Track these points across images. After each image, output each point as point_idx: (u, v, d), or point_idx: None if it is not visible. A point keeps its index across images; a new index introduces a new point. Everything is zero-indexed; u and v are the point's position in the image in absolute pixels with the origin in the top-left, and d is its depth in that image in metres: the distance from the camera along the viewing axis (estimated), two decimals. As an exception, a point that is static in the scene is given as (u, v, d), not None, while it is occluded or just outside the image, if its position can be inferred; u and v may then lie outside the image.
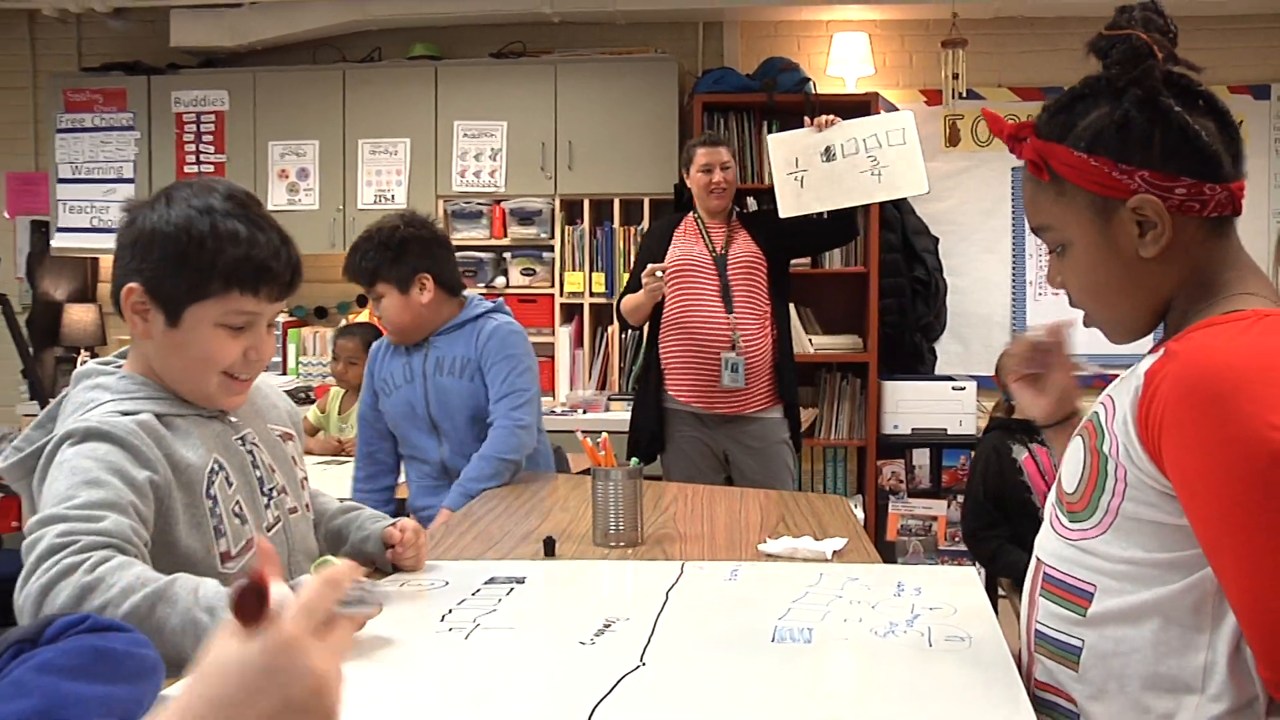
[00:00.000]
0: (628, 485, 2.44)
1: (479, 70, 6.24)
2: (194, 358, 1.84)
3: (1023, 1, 5.91)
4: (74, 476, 1.66)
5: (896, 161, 4.47)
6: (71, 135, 6.58)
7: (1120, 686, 1.39)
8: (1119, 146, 1.40)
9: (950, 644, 1.67)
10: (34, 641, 1.30)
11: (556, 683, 1.53)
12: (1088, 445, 1.46)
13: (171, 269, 1.78)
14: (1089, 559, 1.43)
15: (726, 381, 4.43)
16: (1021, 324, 6.21)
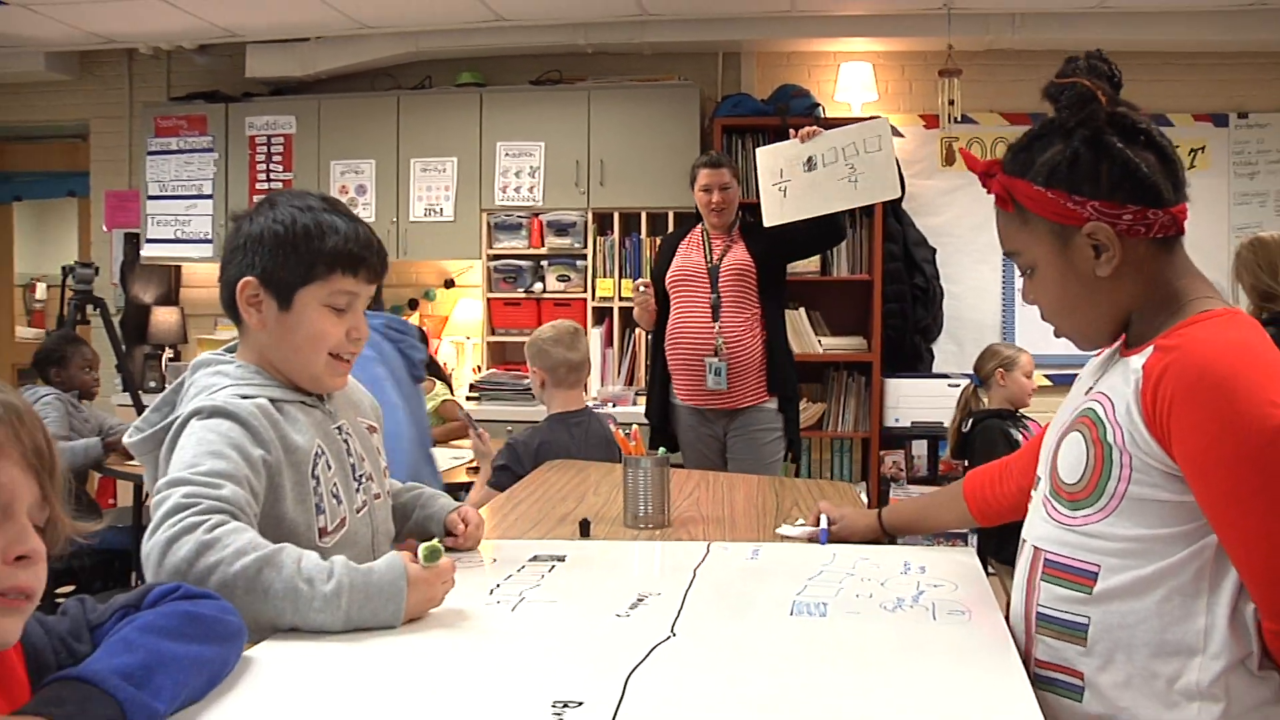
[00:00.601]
0: (656, 472, 2.43)
1: (520, 96, 6.26)
2: (305, 337, 1.87)
3: (1013, 36, 5.90)
4: (200, 447, 1.69)
5: (872, 168, 4.37)
6: (160, 157, 6.65)
7: (1128, 656, 1.41)
8: (1071, 180, 1.45)
9: (952, 617, 1.66)
10: (137, 606, 1.34)
11: (595, 651, 1.52)
12: (1089, 438, 1.47)
13: (283, 258, 1.83)
14: (1093, 542, 1.45)
15: (710, 384, 4.44)
16: (1011, 327, 6.18)
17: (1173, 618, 1.38)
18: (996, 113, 6.23)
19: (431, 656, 1.50)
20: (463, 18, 5.98)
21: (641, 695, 1.32)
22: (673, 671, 1.42)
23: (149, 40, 6.54)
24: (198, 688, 1.28)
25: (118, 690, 1.14)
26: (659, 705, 1.30)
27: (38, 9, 5.77)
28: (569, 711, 1.26)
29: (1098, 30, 5.72)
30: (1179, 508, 1.38)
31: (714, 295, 4.49)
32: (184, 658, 1.25)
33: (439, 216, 6.25)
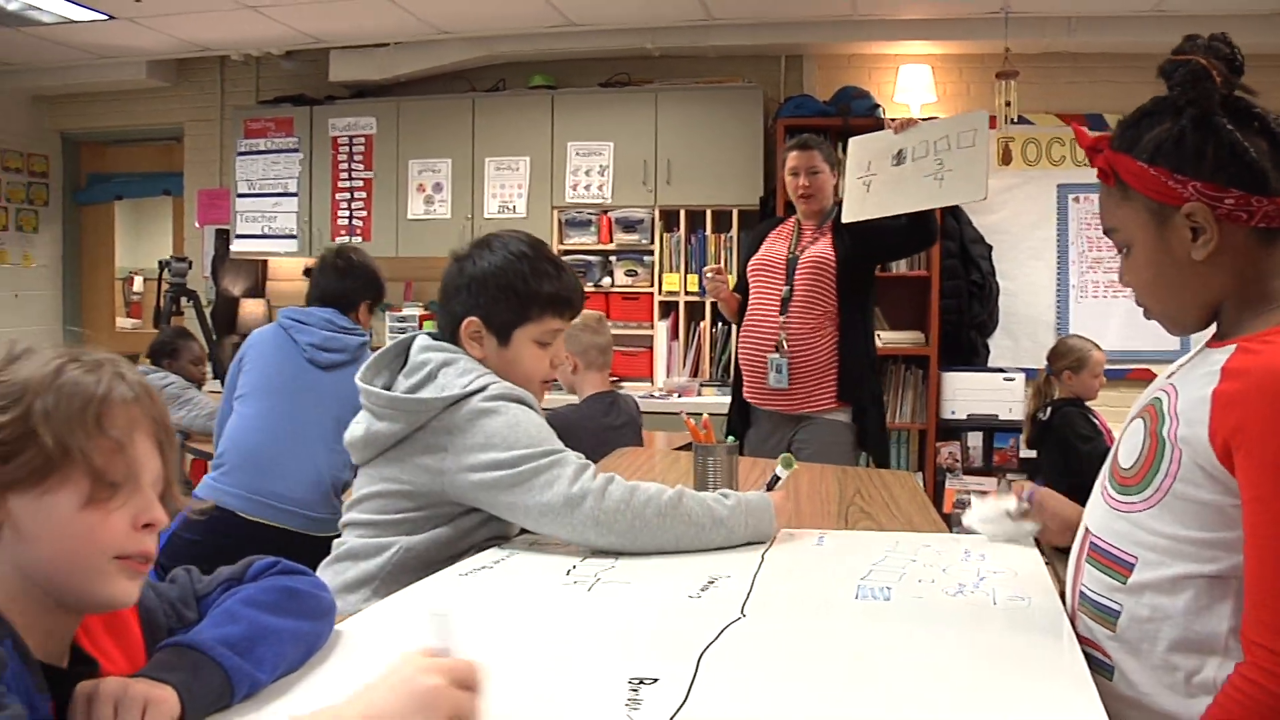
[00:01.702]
0: (726, 460, 2.43)
1: (589, 97, 6.28)
2: (522, 371, 2.09)
3: (1069, 39, 5.81)
4: (534, 428, 1.96)
5: (960, 165, 3.80)
6: (248, 157, 6.76)
7: (1152, 647, 1.38)
8: (1175, 158, 1.37)
9: (1012, 603, 1.64)
10: (239, 579, 1.37)
11: (669, 630, 1.52)
12: (1148, 428, 1.43)
13: (504, 301, 2.05)
14: (1135, 531, 1.41)
15: (771, 381, 4.05)
16: (1065, 322, 6.11)
17: (1197, 618, 1.34)
18: (1052, 114, 6.15)
19: (513, 634, 1.52)
20: (534, 23, 6.01)
21: (714, 673, 1.32)
22: (743, 651, 1.42)
23: (240, 47, 6.65)
24: (295, 659, 1.30)
25: (224, 659, 1.16)
26: (730, 683, 1.30)
27: (141, 21, 5.88)
28: (645, 688, 1.27)
29: (1154, 33, 5.62)
30: (1219, 513, 1.32)
31: (787, 288, 4.10)
32: (283, 630, 1.28)
33: (512, 213, 6.28)
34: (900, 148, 3.98)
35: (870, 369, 4.22)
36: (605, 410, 3.76)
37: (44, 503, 1.06)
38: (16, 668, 0.97)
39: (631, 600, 1.69)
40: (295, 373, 3.48)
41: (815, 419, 4.11)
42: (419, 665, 1.07)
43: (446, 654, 1.10)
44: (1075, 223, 6.17)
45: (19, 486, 1.05)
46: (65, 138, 7.73)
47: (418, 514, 2.00)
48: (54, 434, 1.06)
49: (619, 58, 6.38)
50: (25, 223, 7.47)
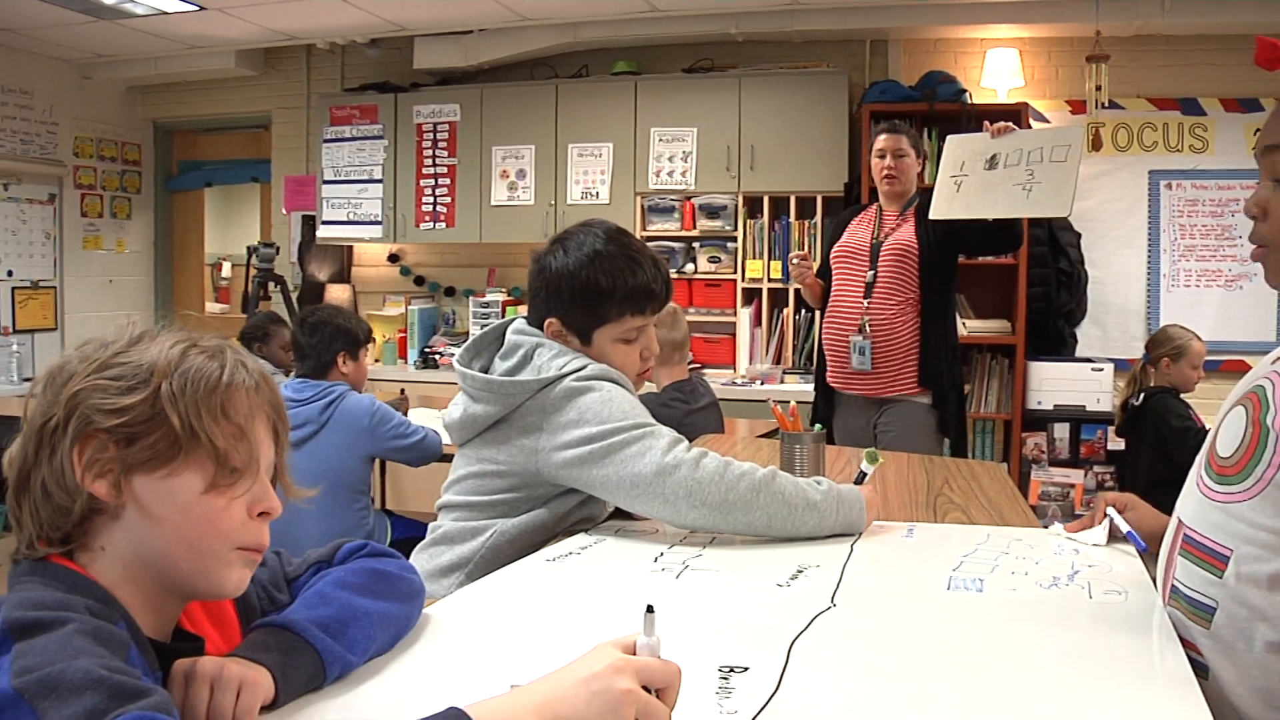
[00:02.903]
0: (812, 448, 2.42)
1: (673, 83, 6.26)
2: (615, 366, 2.07)
3: (1160, 21, 5.65)
4: (628, 404, 1.97)
5: (1050, 179, 3.84)
6: (334, 144, 6.85)
7: (1249, 647, 1.31)
8: None
9: (1109, 597, 1.61)
10: (329, 561, 1.39)
11: (759, 618, 1.52)
12: (1250, 416, 1.36)
13: (579, 305, 2.05)
14: (1232, 523, 1.35)
15: (854, 364, 4.13)
16: (1156, 312, 5.97)
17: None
18: (1144, 98, 6.00)
19: (604, 620, 1.52)
20: (618, 9, 6.01)
21: (804, 662, 1.32)
22: (834, 640, 1.41)
23: (325, 36, 6.74)
24: (385, 642, 1.32)
25: (316, 640, 1.18)
26: (821, 672, 1.29)
27: (230, 11, 5.99)
28: (735, 676, 1.27)
29: (1249, 13, 5.46)
30: None
31: (871, 273, 4.17)
32: (373, 613, 1.29)
33: (595, 199, 6.30)
34: (995, 152, 4.01)
35: (952, 356, 4.26)
36: (686, 396, 3.82)
37: (169, 485, 1.08)
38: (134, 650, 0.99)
39: (720, 588, 1.69)
40: None
41: (898, 401, 4.18)
42: (615, 664, 1.02)
43: (650, 651, 1.06)
44: (1167, 210, 6.03)
45: (145, 468, 1.08)
46: (157, 126, 7.90)
47: (514, 495, 2.03)
48: (181, 416, 1.08)
49: (703, 43, 6.35)
50: (119, 210, 7.65)
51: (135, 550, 1.09)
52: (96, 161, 7.45)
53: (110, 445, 1.06)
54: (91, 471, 1.06)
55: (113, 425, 1.06)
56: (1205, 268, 5.97)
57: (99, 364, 1.09)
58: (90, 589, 1.03)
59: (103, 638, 0.94)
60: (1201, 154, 5.94)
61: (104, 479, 1.06)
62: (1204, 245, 5.96)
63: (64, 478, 1.06)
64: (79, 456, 1.06)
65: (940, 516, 2.28)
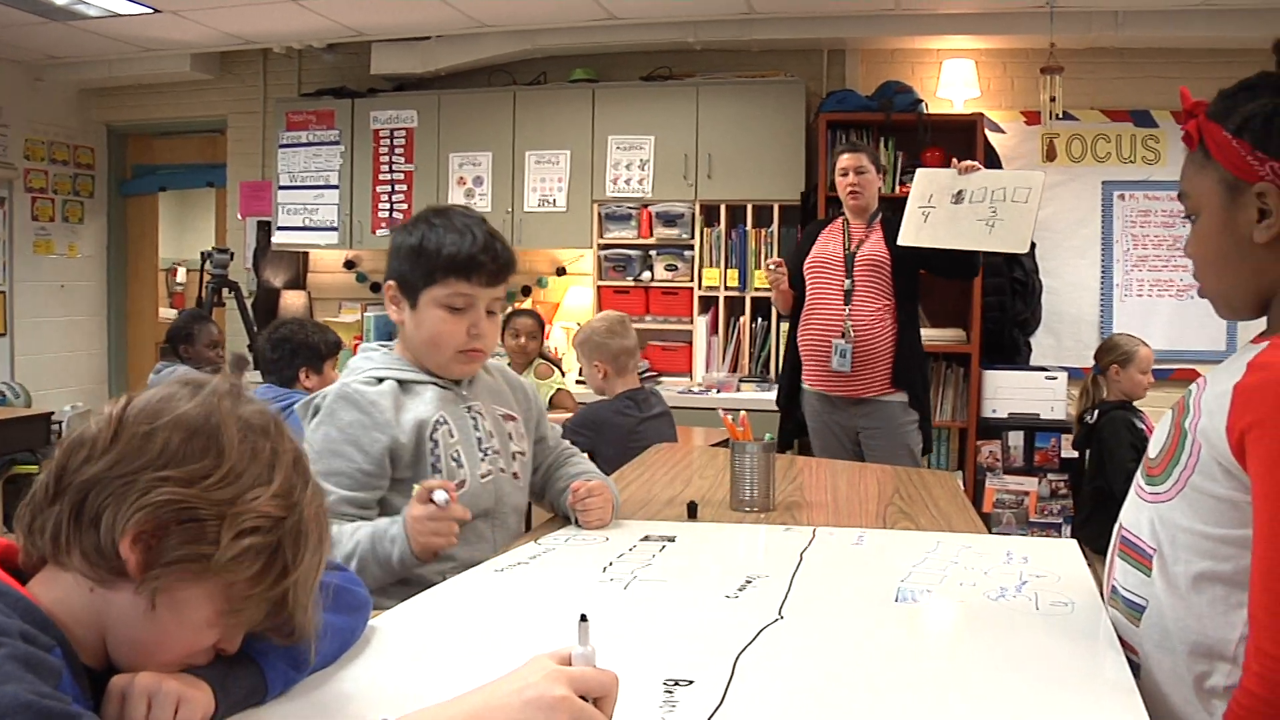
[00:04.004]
0: (762, 457, 2.41)
1: (631, 91, 6.26)
2: (427, 334, 2.08)
3: (1114, 34, 5.73)
4: (324, 444, 1.98)
5: (1010, 217, 4.20)
6: (290, 150, 6.80)
7: (1171, 648, 1.35)
8: (1260, 135, 1.32)
9: (1055, 609, 1.61)
10: None
11: (706, 631, 1.51)
12: (1174, 419, 1.41)
13: (407, 264, 2.07)
14: (1158, 523, 1.39)
15: (834, 365, 4.35)
16: (1109, 321, 6.03)
17: (1212, 621, 1.31)
18: (1098, 110, 6.07)
19: (550, 631, 1.50)
20: (576, 16, 5.99)
21: (750, 675, 1.31)
22: (780, 653, 1.41)
23: (282, 40, 6.68)
24: (329, 654, 1.30)
25: (259, 654, 1.17)
26: (767, 686, 1.29)
27: (185, 14, 5.93)
28: (680, 689, 1.26)
29: (1204, 28, 5.53)
30: (1235, 509, 1.28)
31: (848, 282, 4.42)
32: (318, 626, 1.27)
33: (552, 207, 6.28)
34: (961, 188, 4.33)
35: (922, 359, 4.62)
36: (638, 405, 3.86)
37: (185, 596, 1.06)
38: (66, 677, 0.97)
39: (668, 599, 1.68)
40: None
41: (874, 401, 4.44)
42: (550, 674, 1.02)
43: (586, 661, 1.05)
44: (1120, 220, 6.09)
45: (182, 572, 1.05)
46: (111, 130, 7.80)
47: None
48: (276, 569, 1.09)
49: (660, 51, 6.35)
50: (71, 214, 7.55)
51: (105, 611, 1.06)
52: (48, 165, 7.34)
53: (181, 543, 1.04)
54: (141, 544, 1.03)
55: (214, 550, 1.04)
56: (1157, 277, 6.03)
57: (246, 485, 1.07)
58: (30, 613, 0.99)
59: (33, 664, 0.91)
60: (1154, 165, 6.01)
61: (142, 555, 1.03)
62: (1156, 255, 6.02)
63: (117, 526, 1.02)
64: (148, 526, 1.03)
65: (890, 524, 2.28)
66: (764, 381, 5.89)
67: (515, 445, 2.23)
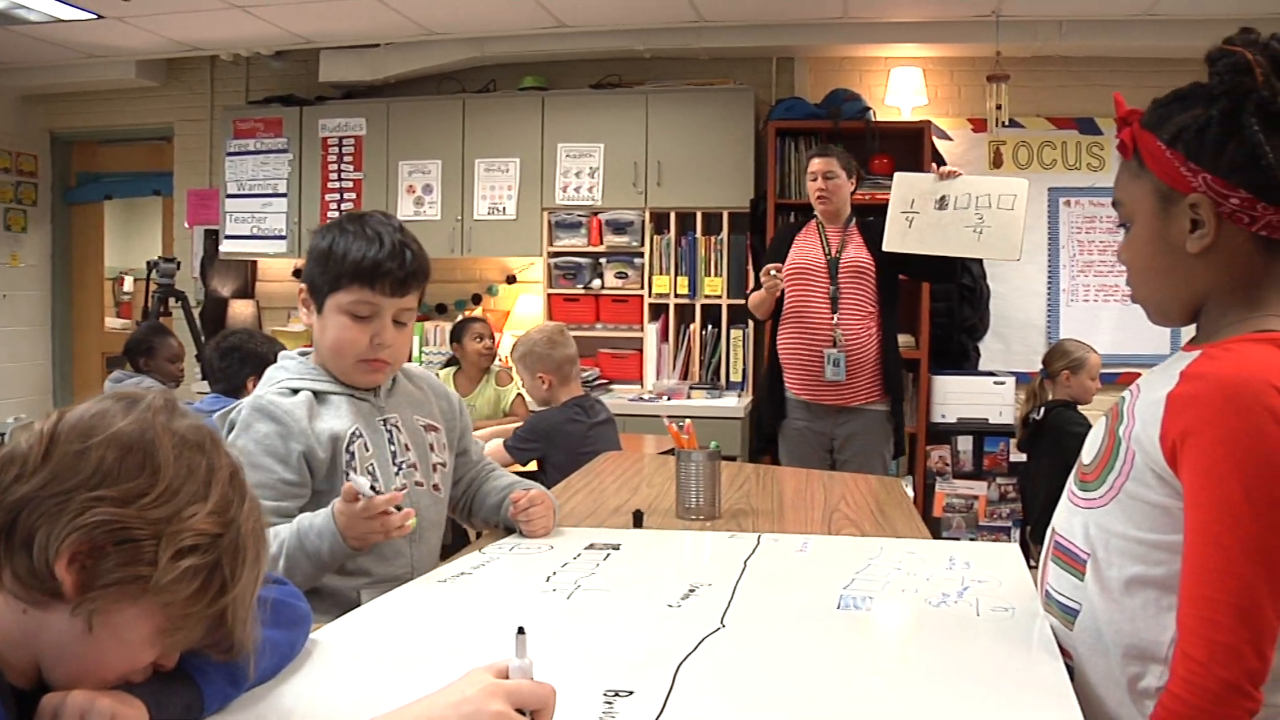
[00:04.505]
0: (707, 465, 2.41)
1: (580, 99, 6.25)
2: (333, 339, 2.02)
3: (1058, 43, 5.80)
4: (243, 457, 1.82)
5: (999, 225, 4.21)
6: (238, 158, 6.73)
7: (1104, 651, 1.37)
8: (1194, 146, 1.34)
9: (996, 614, 1.61)
10: None
11: (647, 640, 1.50)
12: (1108, 426, 1.43)
13: (316, 268, 2.02)
14: (1091, 529, 1.41)
15: (829, 375, 4.34)
16: (1056, 326, 6.10)
17: (1144, 624, 1.33)
18: (1043, 117, 6.14)
19: (490, 642, 1.49)
20: (526, 24, 5.98)
21: (691, 686, 1.30)
22: (721, 663, 1.40)
23: (229, 47, 6.62)
24: (268, 669, 1.29)
25: (196, 670, 1.15)
26: (707, 696, 1.28)
27: (130, 20, 5.85)
28: (620, 700, 1.25)
29: (1147, 37, 5.62)
30: (1168, 516, 1.30)
31: (833, 288, 4.40)
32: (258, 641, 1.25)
33: (502, 215, 6.26)
34: (944, 194, 4.31)
35: (902, 366, 4.65)
36: (586, 411, 3.89)
37: (122, 616, 1.04)
38: None
39: (611, 608, 1.67)
40: None
41: (856, 410, 4.45)
42: (487, 688, 1.02)
43: (523, 674, 1.05)
44: (1066, 226, 6.16)
45: (118, 594, 1.03)
46: (55, 137, 7.69)
47: None
48: (214, 585, 1.07)
49: (610, 59, 6.35)
50: (14, 222, 7.43)
51: (38, 633, 1.04)
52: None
53: (118, 565, 1.01)
54: (76, 565, 1.00)
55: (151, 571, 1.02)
56: (1103, 283, 6.10)
57: (183, 503, 1.05)
58: None
59: None
60: (1099, 172, 6.08)
61: (78, 576, 1.01)
62: (1101, 261, 6.09)
63: (50, 547, 0.99)
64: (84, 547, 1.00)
65: (835, 531, 2.29)
66: (714, 389, 5.89)
67: (436, 456, 2.19)
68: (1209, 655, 1.21)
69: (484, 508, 2.31)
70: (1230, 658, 1.20)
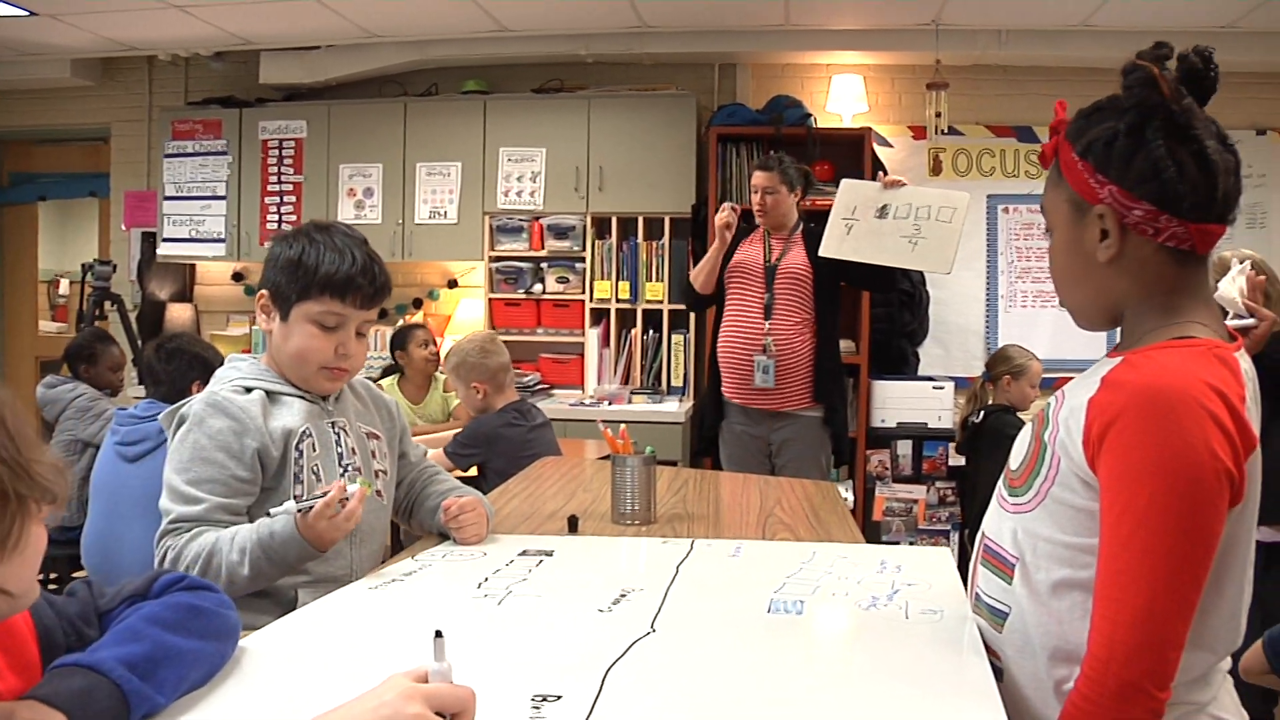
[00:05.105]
0: (643, 471, 2.41)
1: (522, 103, 6.23)
2: (294, 348, 2.07)
3: (999, 51, 5.88)
4: (194, 452, 1.97)
5: (935, 237, 4.21)
6: (177, 159, 6.65)
7: (1032, 653, 1.40)
8: (1102, 158, 1.37)
9: (925, 617, 1.63)
10: (144, 594, 1.33)
11: (577, 645, 1.50)
12: (1034, 432, 1.45)
13: (286, 280, 2.05)
14: (1019, 533, 1.43)
15: (758, 381, 4.36)
16: (994, 332, 6.17)
17: (1070, 626, 1.35)
18: (982, 125, 6.22)
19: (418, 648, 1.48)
20: (468, 28, 5.96)
21: (619, 690, 1.31)
22: (651, 667, 1.40)
23: (168, 48, 6.53)
24: (197, 680, 1.28)
25: (123, 680, 1.13)
26: (636, 700, 1.28)
27: (64, 18, 5.76)
28: (547, 705, 1.25)
29: (1084, 47, 5.70)
30: (1093, 519, 1.32)
31: (768, 295, 4.42)
32: (186, 651, 1.25)
33: (443, 219, 6.23)
34: (886, 203, 4.31)
35: (840, 372, 4.65)
36: (524, 415, 3.93)
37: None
38: None
39: (541, 613, 1.67)
40: (111, 471, 3.55)
41: (791, 415, 4.46)
42: (405, 692, 1.02)
43: (442, 677, 1.06)
44: (1005, 233, 6.24)
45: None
46: (-13, 137, 7.56)
47: None
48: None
49: (552, 64, 6.34)
50: (-56, 223, 7.30)
51: None
52: (-81, 172, 7.10)
53: None
54: None
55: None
56: (1040, 289, 6.19)
57: None
58: None
59: None
60: (1036, 180, 6.15)
61: None
62: (1039, 267, 6.18)
63: None
64: None
65: (770, 535, 2.30)
66: (655, 393, 5.91)
67: (378, 464, 2.21)
68: (1110, 655, 1.25)
69: (422, 511, 2.32)
70: (1130, 658, 1.23)
